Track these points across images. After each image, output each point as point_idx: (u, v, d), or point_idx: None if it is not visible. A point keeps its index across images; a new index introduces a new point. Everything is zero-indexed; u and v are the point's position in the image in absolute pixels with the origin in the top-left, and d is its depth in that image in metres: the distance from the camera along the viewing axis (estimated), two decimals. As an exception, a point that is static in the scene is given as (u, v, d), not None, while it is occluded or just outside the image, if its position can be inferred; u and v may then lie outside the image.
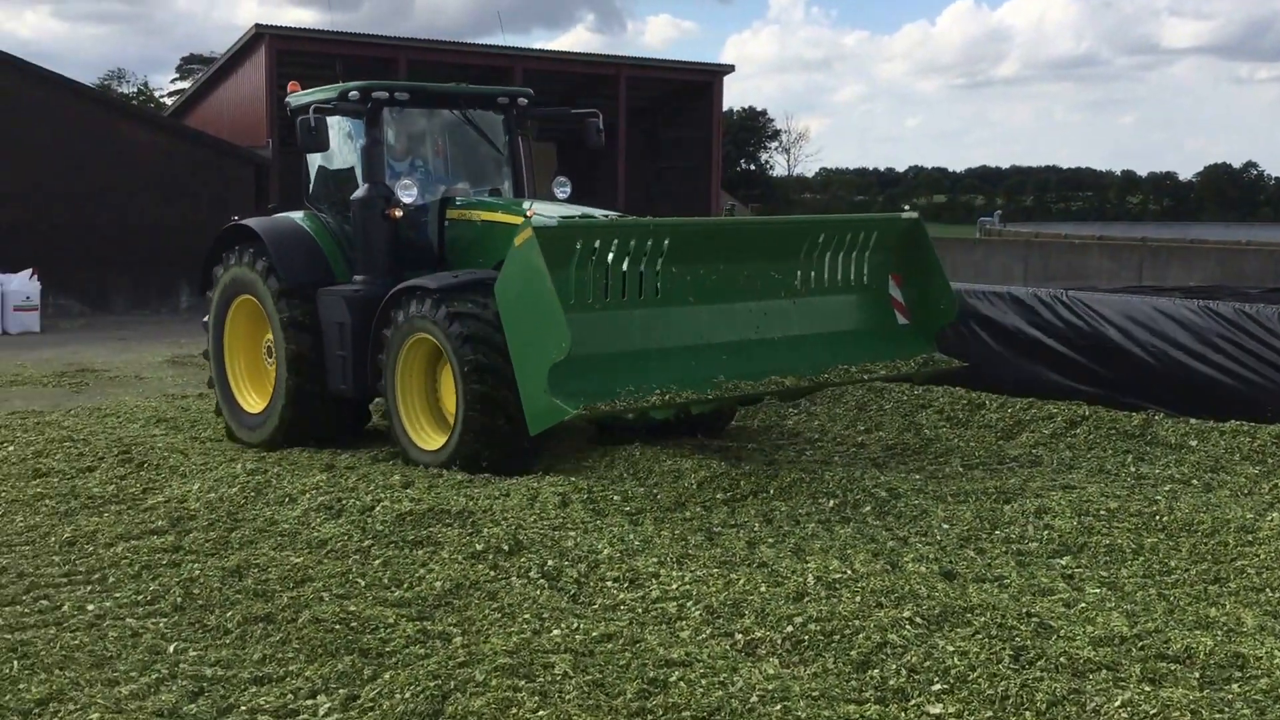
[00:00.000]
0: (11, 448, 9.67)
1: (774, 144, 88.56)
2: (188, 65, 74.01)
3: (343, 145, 9.84)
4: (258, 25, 31.57)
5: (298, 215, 10.08)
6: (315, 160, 10.13)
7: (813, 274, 8.80)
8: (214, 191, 29.15)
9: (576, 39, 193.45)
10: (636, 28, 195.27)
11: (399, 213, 9.23)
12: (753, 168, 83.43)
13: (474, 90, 10.06)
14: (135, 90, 76.36)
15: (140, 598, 6.02)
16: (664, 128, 42.12)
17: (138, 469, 8.86)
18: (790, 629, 5.20)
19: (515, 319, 7.61)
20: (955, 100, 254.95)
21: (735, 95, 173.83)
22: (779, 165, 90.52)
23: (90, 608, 5.89)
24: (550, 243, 7.45)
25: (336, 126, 9.73)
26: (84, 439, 10.15)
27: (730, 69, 40.39)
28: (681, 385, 7.85)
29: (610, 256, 7.85)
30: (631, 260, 7.93)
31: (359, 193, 9.38)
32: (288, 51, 32.45)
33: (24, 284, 22.37)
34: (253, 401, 10.07)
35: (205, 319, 10.46)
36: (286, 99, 10.25)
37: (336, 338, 9.22)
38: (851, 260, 8.94)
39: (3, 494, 8.31)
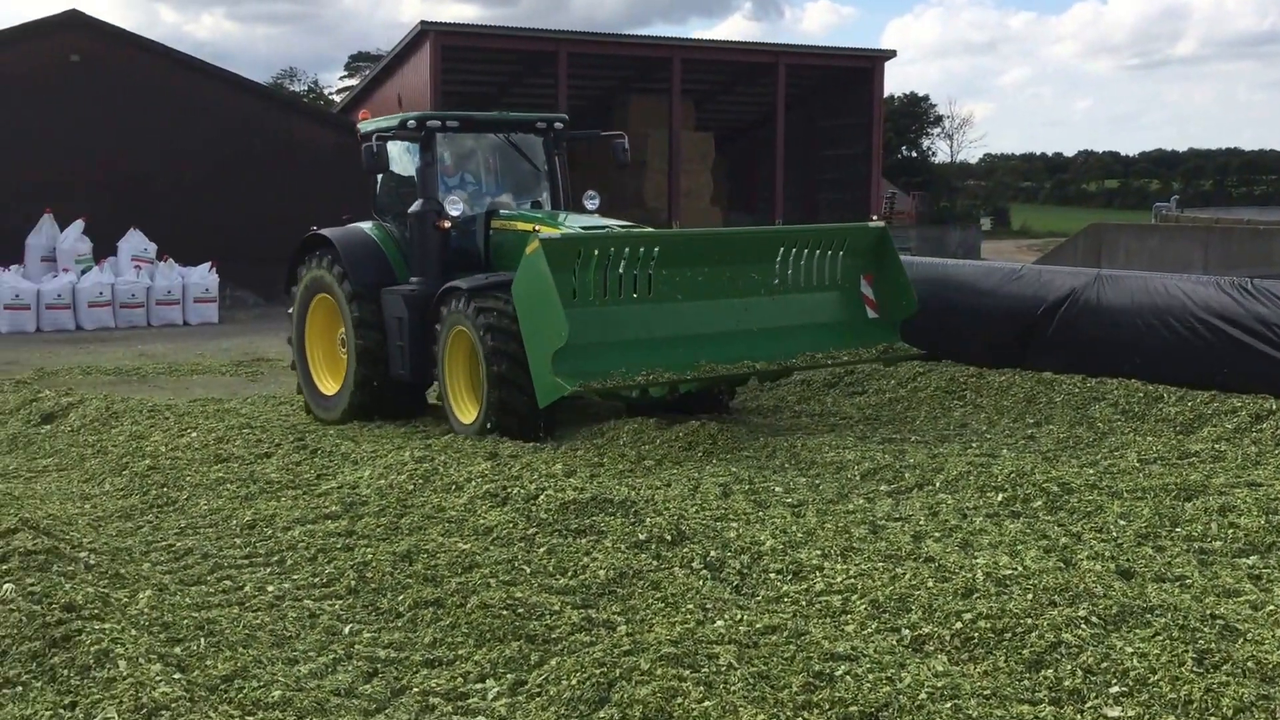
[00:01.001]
0: (194, 434, 10.09)
1: (936, 130, 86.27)
2: (355, 63, 76.25)
3: (405, 164, 11.16)
4: (423, 22, 32.25)
5: (366, 225, 11.43)
6: (380, 178, 11.47)
7: (789, 274, 9.98)
8: (381, 185, 29.93)
9: (734, 28, 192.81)
10: (794, 14, 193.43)
11: (447, 224, 10.58)
12: (914, 155, 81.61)
13: (516, 117, 11.41)
14: (306, 88, 78.97)
15: (316, 580, 6.22)
16: (823, 115, 41.60)
17: (311, 455, 9.15)
18: (959, 625, 5.07)
19: (526, 313, 8.97)
20: (1128, 81, 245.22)
21: (896, 81, 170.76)
22: (941, 152, 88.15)
23: (270, 588, 6.12)
24: (553, 252, 8.80)
25: (400, 148, 11.06)
26: (261, 425, 10.54)
27: (891, 54, 39.67)
28: (666, 367, 9.12)
29: (608, 262, 9.10)
30: (627, 265, 9.16)
31: (414, 206, 10.76)
32: (452, 47, 33.08)
33: (204, 277, 23.43)
34: (329, 385, 11.43)
35: (289, 337, 11.97)
36: (357, 125, 11.58)
37: (396, 330, 10.60)
38: (826, 262, 10.13)
39: (188, 478, 8.70)
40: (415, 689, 4.84)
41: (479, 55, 34.86)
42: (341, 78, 78.99)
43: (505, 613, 5.44)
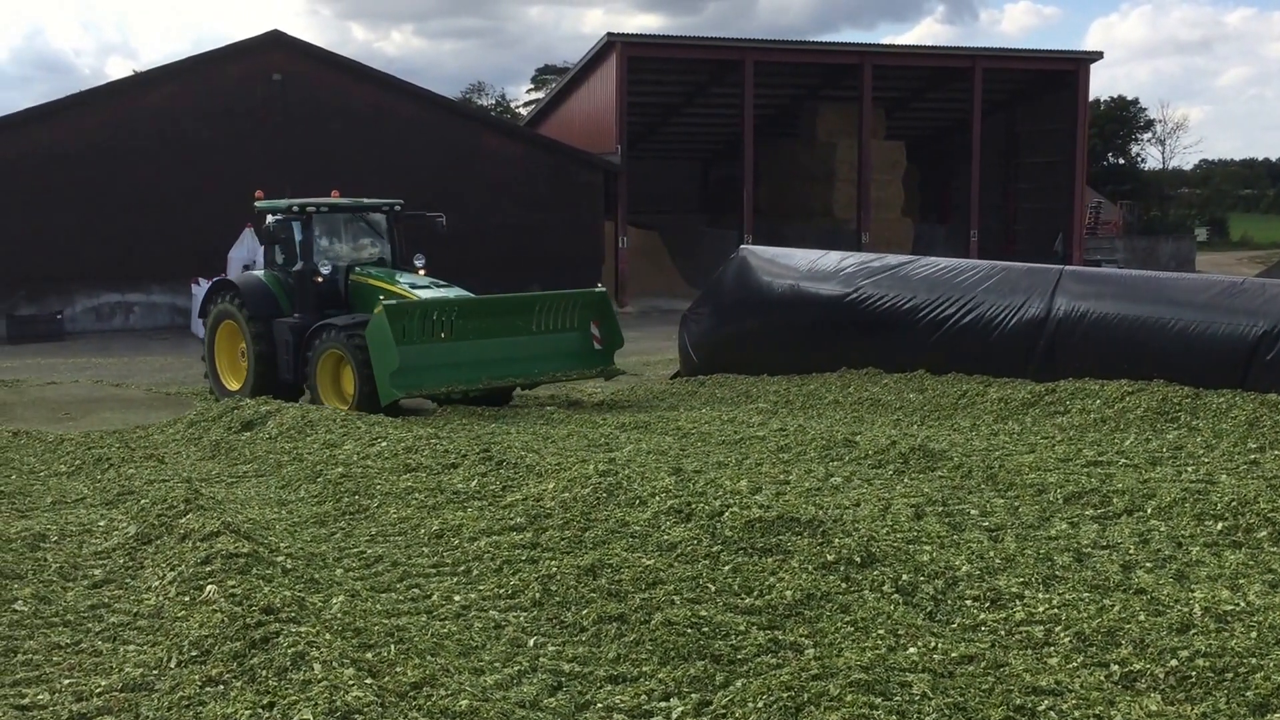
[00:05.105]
0: (384, 444, 10.29)
1: (1146, 135, 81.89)
2: (542, 76, 77.65)
3: (292, 234, 15.68)
4: (609, 34, 32.50)
5: (261, 274, 16.12)
6: (269, 239, 16.05)
7: (543, 322, 14.71)
8: (567, 196, 30.35)
9: (925, 32, 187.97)
10: (991, 17, 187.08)
11: (320, 278, 15.14)
12: (1122, 161, 78.00)
13: (368, 203, 16.18)
14: (494, 102, 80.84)
15: (501, 591, 6.23)
16: (1023, 121, 40.34)
17: (497, 467, 9.19)
18: (1174, 663, 4.74)
19: (374, 348, 13.44)
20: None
21: (1102, 83, 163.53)
22: (1152, 158, 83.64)
23: (457, 598, 6.15)
24: (391, 312, 13.44)
25: (289, 223, 15.68)
26: (447, 436, 10.71)
27: (1097, 56, 38.22)
28: (461, 381, 13.81)
29: (426, 316, 13.80)
30: (438, 318, 13.91)
31: (297, 266, 15.34)
32: (637, 58, 33.24)
33: (398, 287, 24.02)
34: (233, 383, 15.95)
35: (202, 356, 16.69)
36: (255, 204, 16.07)
37: (285, 349, 15.11)
38: (566, 314, 14.92)
39: (378, 486, 8.88)
40: (599, 704, 4.78)
41: (664, 65, 34.98)
42: (528, 90, 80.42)
43: (690, 631, 5.33)
